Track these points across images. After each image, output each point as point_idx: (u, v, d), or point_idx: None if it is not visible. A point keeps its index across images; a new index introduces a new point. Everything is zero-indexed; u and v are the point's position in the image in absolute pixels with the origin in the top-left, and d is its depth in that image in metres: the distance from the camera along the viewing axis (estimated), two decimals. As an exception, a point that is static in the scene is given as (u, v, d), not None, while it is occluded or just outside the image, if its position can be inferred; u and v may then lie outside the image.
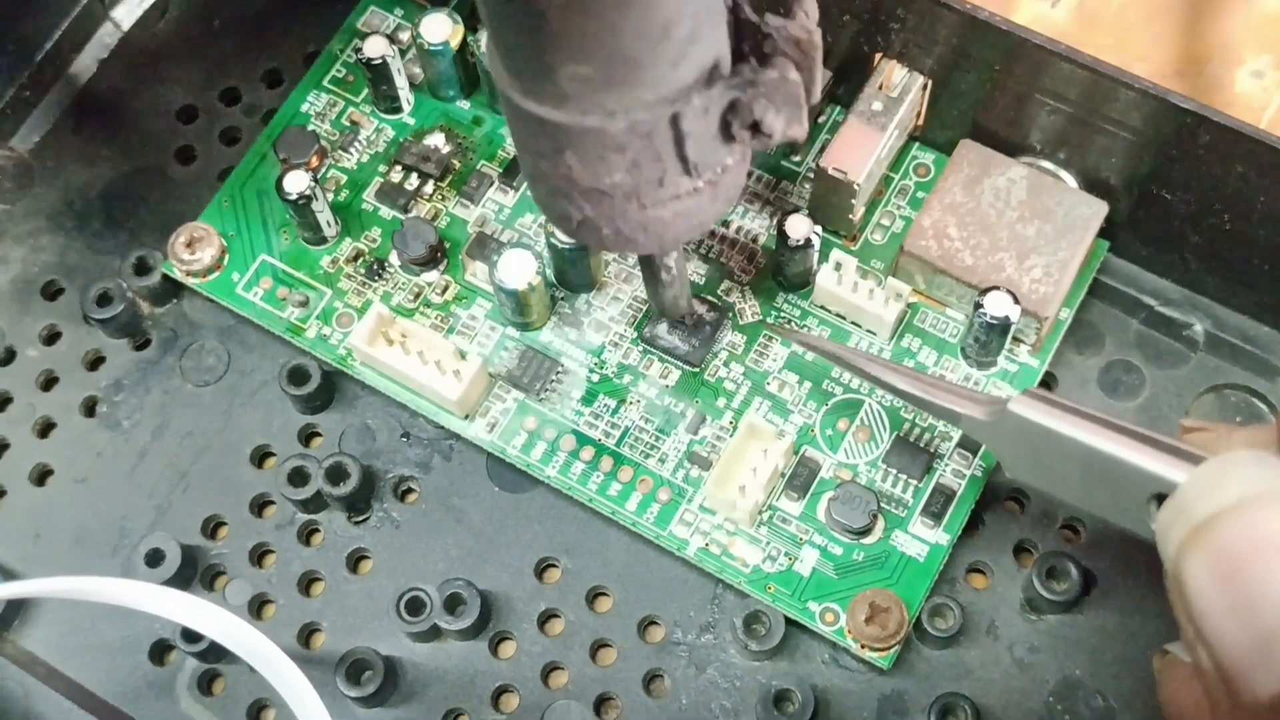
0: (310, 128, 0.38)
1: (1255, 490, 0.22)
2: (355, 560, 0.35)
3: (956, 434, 0.34)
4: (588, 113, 0.24)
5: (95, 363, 0.37)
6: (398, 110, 0.38)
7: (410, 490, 0.35)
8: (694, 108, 0.25)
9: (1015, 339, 0.34)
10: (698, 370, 0.35)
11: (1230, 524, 0.22)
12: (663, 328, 0.35)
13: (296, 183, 0.35)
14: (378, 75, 0.37)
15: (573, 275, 0.35)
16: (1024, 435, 0.29)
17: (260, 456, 0.36)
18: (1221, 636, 0.21)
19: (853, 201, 0.34)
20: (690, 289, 0.34)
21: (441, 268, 0.36)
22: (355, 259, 0.36)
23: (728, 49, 0.25)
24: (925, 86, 0.35)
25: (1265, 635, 0.21)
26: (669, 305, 0.33)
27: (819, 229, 0.34)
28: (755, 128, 0.25)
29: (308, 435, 0.36)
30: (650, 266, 0.31)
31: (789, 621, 0.32)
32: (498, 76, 0.26)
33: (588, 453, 0.34)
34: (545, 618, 0.34)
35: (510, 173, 0.37)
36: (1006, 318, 0.32)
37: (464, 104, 0.38)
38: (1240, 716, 0.21)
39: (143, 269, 0.36)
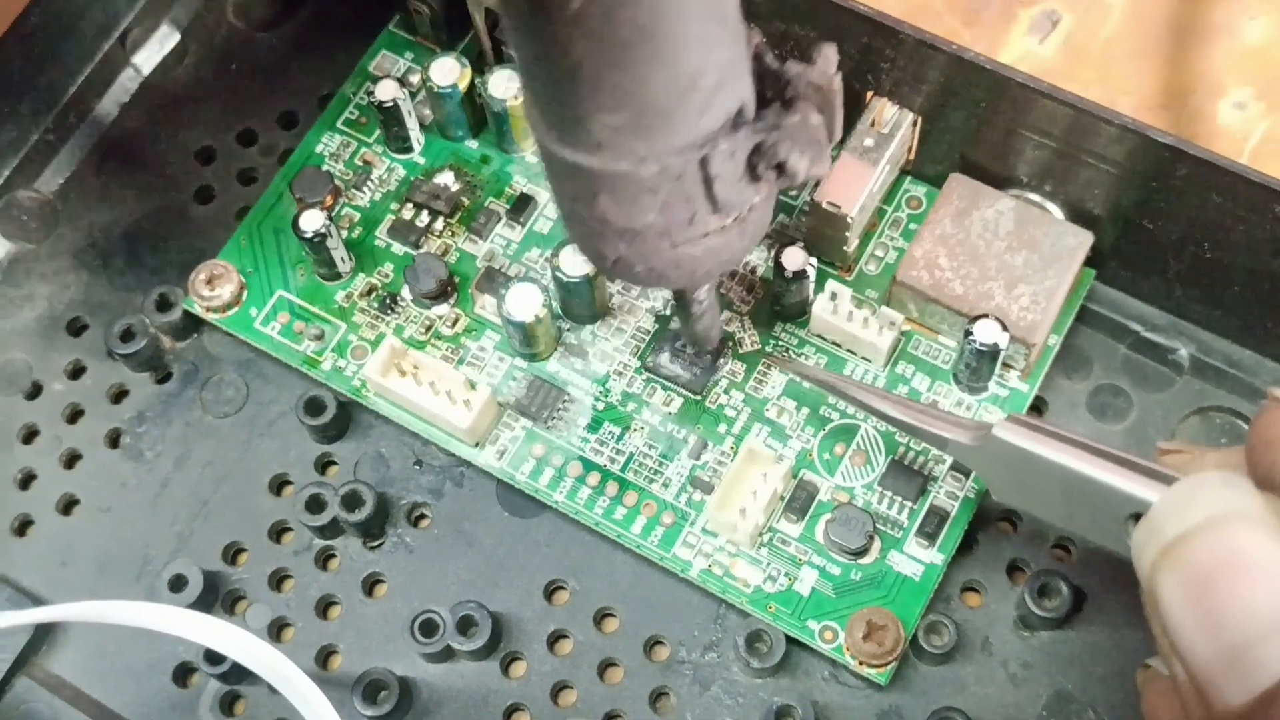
0: (325, 168, 0.39)
1: (1221, 510, 0.23)
2: (370, 584, 0.36)
3: (950, 457, 0.35)
4: (620, 159, 0.26)
5: (119, 396, 0.38)
6: (409, 150, 0.39)
7: (423, 516, 0.36)
8: (721, 151, 0.26)
9: (1005, 365, 0.36)
10: (699, 398, 0.36)
11: (1198, 543, 0.23)
12: (665, 357, 0.36)
13: (312, 221, 0.36)
14: (389, 117, 0.38)
15: (578, 307, 0.36)
16: (1008, 459, 0.30)
17: (278, 485, 0.37)
18: (1193, 650, 0.22)
19: (847, 234, 0.36)
20: (721, 320, 0.35)
21: (452, 301, 0.37)
22: (368, 294, 0.38)
23: (752, 95, 0.27)
24: (915, 123, 0.36)
25: (1233, 647, 0.22)
26: (700, 336, 0.34)
27: (814, 260, 0.35)
28: (780, 168, 0.27)
29: (324, 464, 0.37)
30: (682, 300, 0.33)
31: (789, 640, 0.33)
32: (533, 125, 0.27)
33: (594, 478, 0.35)
34: (554, 638, 0.35)
35: (517, 209, 0.38)
36: (996, 344, 0.34)
37: (472, 144, 0.39)
38: None
39: (164, 305, 0.38)
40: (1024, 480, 0.30)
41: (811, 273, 0.35)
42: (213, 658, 0.34)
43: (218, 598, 0.36)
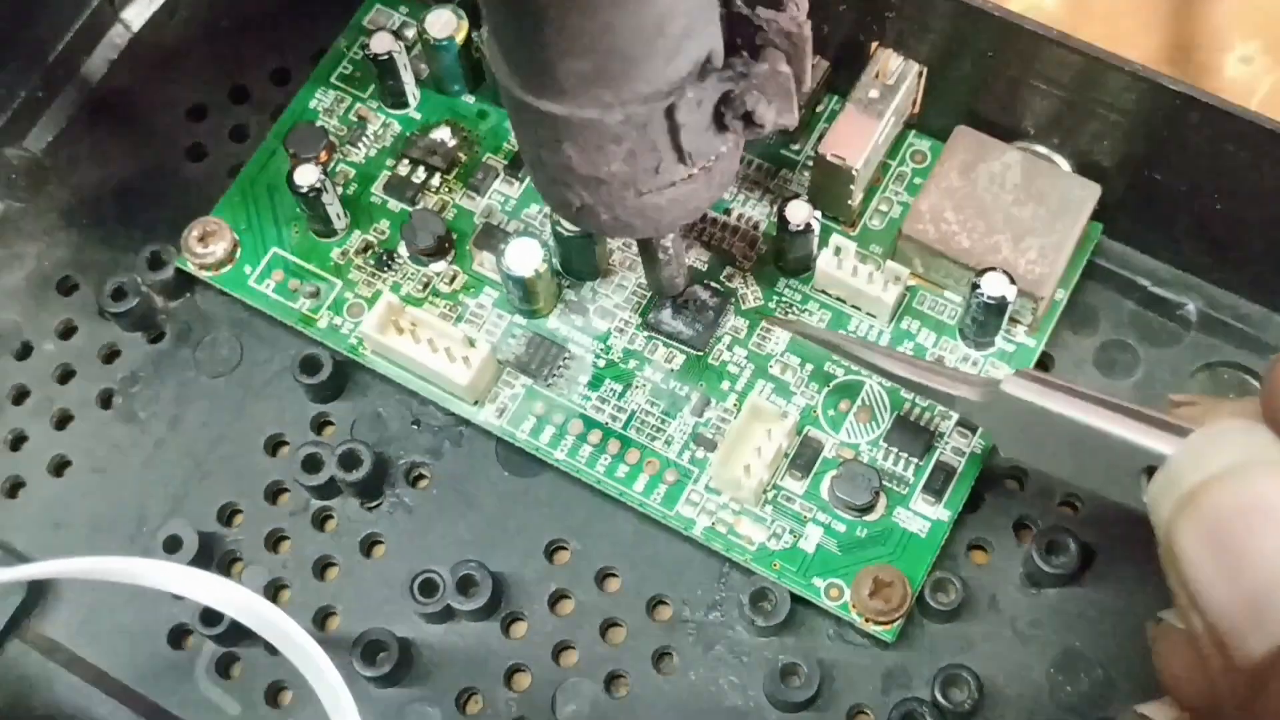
0: (319, 123, 0.38)
1: (1241, 458, 0.22)
2: (369, 545, 0.35)
3: (956, 414, 0.34)
4: (585, 106, 0.25)
5: (111, 356, 0.38)
6: (404, 105, 0.39)
7: (421, 476, 0.36)
8: (688, 100, 0.26)
9: (1012, 319, 0.35)
10: (702, 354, 0.35)
11: (1218, 491, 0.22)
12: (666, 313, 0.35)
13: (306, 176, 0.35)
14: (384, 71, 0.37)
15: (578, 263, 0.36)
16: (1017, 414, 0.30)
17: (274, 445, 0.36)
18: (1213, 600, 0.22)
19: (851, 187, 0.35)
20: (687, 268, 0.34)
21: (449, 258, 0.37)
22: (365, 250, 0.37)
23: (720, 42, 0.26)
24: (921, 74, 0.36)
25: (1255, 596, 0.21)
26: (665, 284, 0.34)
27: (818, 214, 0.35)
28: (748, 118, 0.26)
29: (320, 424, 0.37)
30: (647, 248, 0.32)
31: (794, 598, 0.33)
32: (498, 71, 0.27)
33: (595, 436, 0.35)
34: (556, 598, 0.34)
35: (515, 164, 0.38)
36: (1003, 298, 0.33)
37: (469, 98, 0.39)
38: (1233, 677, 0.22)
39: (156, 263, 0.37)
40: (1033, 436, 0.30)
41: (815, 227, 0.35)
42: (209, 619, 0.33)
43: (213, 559, 0.35)
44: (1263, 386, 0.25)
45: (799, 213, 0.34)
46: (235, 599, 0.31)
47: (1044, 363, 0.36)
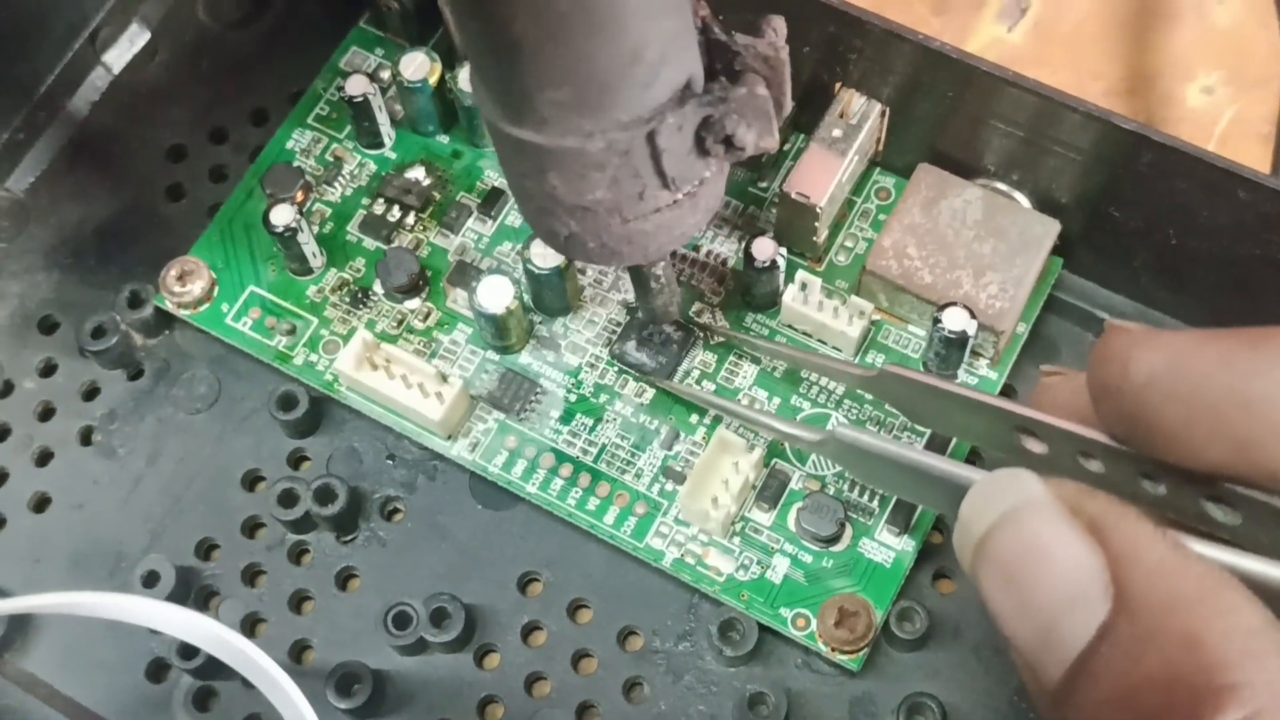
0: (295, 164, 0.39)
1: (1011, 503, 0.24)
2: (344, 578, 0.36)
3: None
4: (566, 135, 0.26)
5: (91, 393, 0.38)
6: (379, 145, 0.39)
7: (396, 510, 0.36)
8: (668, 125, 0.26)
9: (975, 353, 0.36)
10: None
11: (998, 537, 0.24)
12: (631, 344, 0.36)
13: (282, 216, 0.36)
14: (360, 112, 0.38)
15: (549, 300, 0.37)
16: (854, 454, 0.31)
17: (251, 480, 0.37)
18: (1015, 635, 0.23)
19: (816, 224, 0.36)
20: (680, 296, 0.35)
21: (423, 295, 0.37)
22: (340, 288, 0.38)
23: (700, 67, 0.27)
24: (883, 113, 0.36)
25: (1043, 628, 0.23)
26: (659, 311, 0.34)
27: (784, 251, 0.35)
28: (728, 141, 0.27)
29: (296, 459, 0.37)
30: (639, 276, 0.33)
31: (762, 628, 0.34)
32: (481, 104, 0.27)
33: (566, 469, 0.35)
34: (528, 630, 0.35)
35: (488, 203, 0.38)
36: (964, 332, 0.34)
37: (443, 138, 0.39)
38: (1045, 701, 0.23)
39: (136, 302, 0.38)
40: (874, 471, 0.31)
41: (781, 263, 0.35)
42: (186, 653, 0.34)
43: (190, 593, 0.35)
44: (1089, 362, 0.26)
45: (765, 249, 0.35)
46: (209, 632, 0.32)
47: (1006, 394, 0.36)
